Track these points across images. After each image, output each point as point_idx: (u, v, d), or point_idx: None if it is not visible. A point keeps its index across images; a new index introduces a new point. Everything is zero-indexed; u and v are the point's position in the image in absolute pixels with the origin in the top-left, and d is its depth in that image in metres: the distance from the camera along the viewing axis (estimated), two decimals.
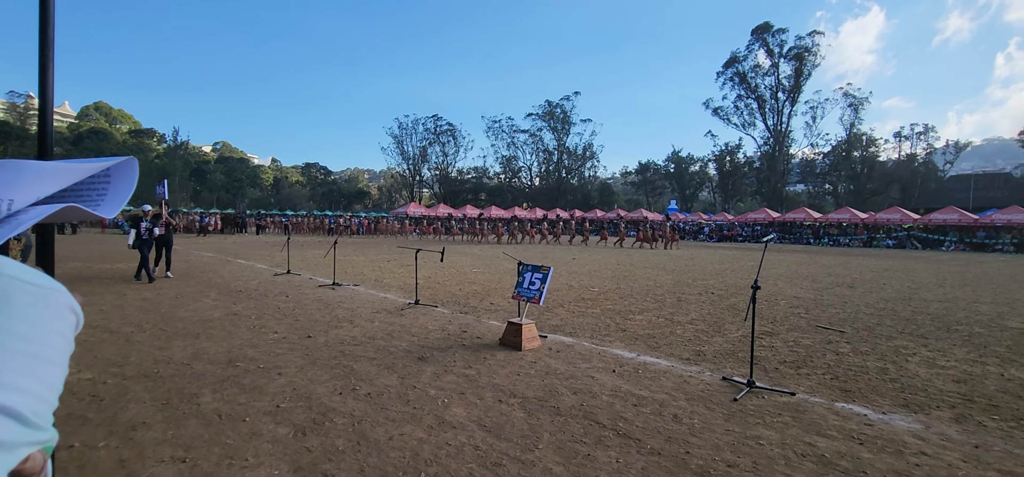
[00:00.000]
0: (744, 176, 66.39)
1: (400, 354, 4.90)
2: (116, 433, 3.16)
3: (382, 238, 35.23)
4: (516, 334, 5.17)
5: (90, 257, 15.06)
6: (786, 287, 10.84)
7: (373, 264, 14.50)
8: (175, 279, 9.73)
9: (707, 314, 7.40)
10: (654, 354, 5.10)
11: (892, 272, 14.82)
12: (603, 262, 16.90)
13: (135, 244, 9.49)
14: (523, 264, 5.82)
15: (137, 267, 9.70)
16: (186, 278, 10.02)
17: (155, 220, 9.87)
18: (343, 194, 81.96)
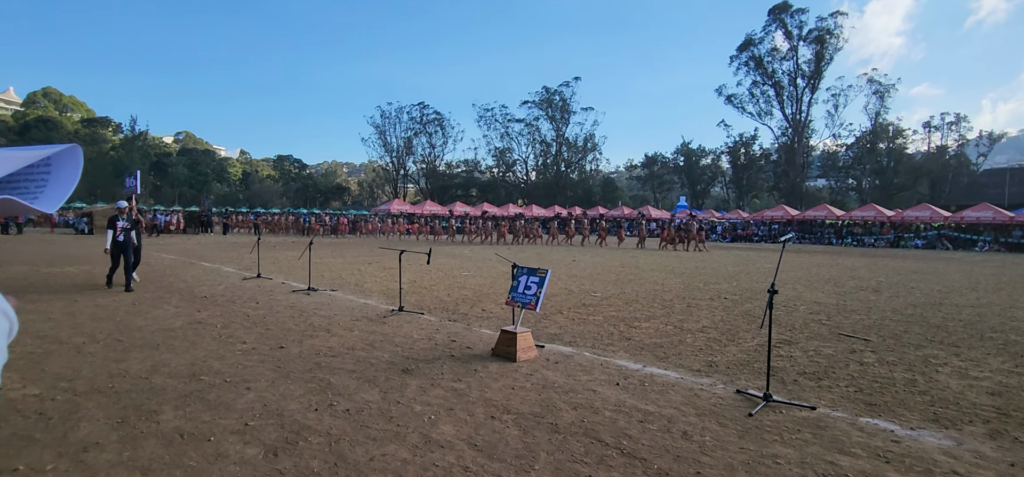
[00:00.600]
0: (760, 170, 66.82)
1: (382, 366, 4.89)
2: (66, 455, 3.13)
3: (363, 238, 35.12)
4: (510, 344, 5.17)
5: (37, 260, 14.92)
6: (806, 291, 10.90)
7: (352, 267, 14.46)
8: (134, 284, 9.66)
9: (720, 321, 7.43)
10: (662, 365, 5.12)
11: (921, 275, 14.96)
12: (606, 264, 16.94)
13: (113, 247, 9.20)
14: (518, 267, 5.82)
15: (108, 272, 9.40)
16: (145, 283, 9.95)
17: (133, 219, 9.53)
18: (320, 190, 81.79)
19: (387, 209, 46.43)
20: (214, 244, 24.45)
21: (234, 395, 4.10)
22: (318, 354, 5.25)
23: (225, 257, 16.96)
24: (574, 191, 72.06)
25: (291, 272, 12.93)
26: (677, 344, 5.99)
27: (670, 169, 74.38)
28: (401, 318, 7.22)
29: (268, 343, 5.67)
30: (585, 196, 70.20)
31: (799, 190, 60.40)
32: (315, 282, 10.69)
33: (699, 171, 71.32)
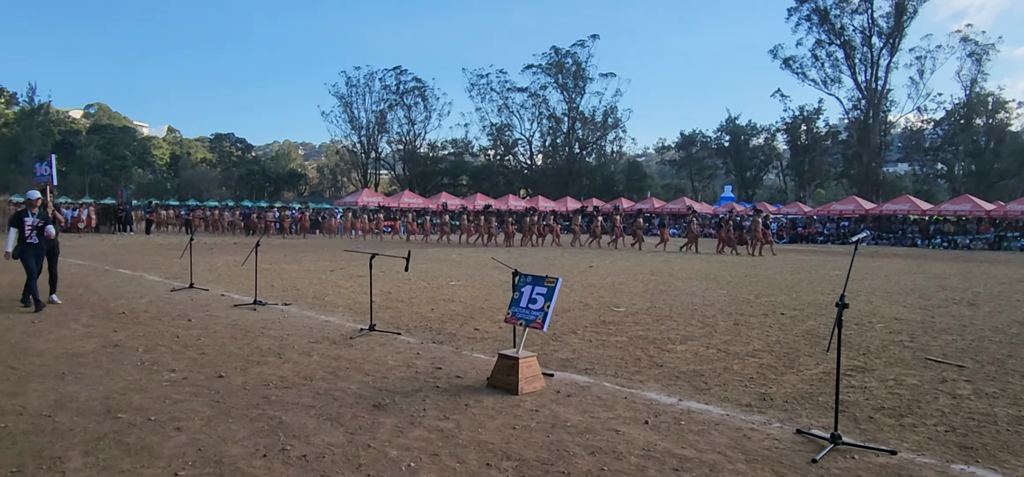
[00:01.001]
0: (826, 152, 67.00)
1: (348, 400, 4.89)
2: None
3: (324, 239, 35.16)
4: (511, 371, 5.17)
5: None
6: (884, 305, 10.91)
7: (311, 275, 14.46)
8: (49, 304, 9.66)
9: (775, 342, 7.43)
10: (702, 398, 5.12)
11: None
12: (631, 271, 16.97)
13: (17, 252, 8.83)
14: (521, 274, 5.81)
15: (27, 285, 8.95)
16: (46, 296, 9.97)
17: (46, 215, 9.24)
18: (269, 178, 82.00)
19: (355, 201, 46.48)
20: (135, 246, 24.47)
21: (160, 438, 4.10)
22: (267, 385, 5.25)
23: (149, 263, 16.97)
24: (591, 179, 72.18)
25: (233, 281, 12.91)
26: (721, 372, 5.99)
27: (712, 151, 74.52)
28: (372, 340, 7.21)
29: (203, 371, 5.67)
30: (605, 185, 70.34)
31: (875, 177, 60.50)
32: (263, 294, 10.69)
33: (749, 154, 71.45)
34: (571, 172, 69.98)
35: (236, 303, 9.82)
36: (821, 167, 67.67)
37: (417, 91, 71.96)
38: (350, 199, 49.72)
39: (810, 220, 46.57)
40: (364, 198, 47.84)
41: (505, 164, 76.45)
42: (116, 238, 30.88)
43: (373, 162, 75.17)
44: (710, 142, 74.69)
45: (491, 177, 73.10)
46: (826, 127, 67.27)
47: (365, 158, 74.07)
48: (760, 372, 6.01)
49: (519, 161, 76.52)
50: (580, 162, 71.91)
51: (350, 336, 7.37)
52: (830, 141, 66.66)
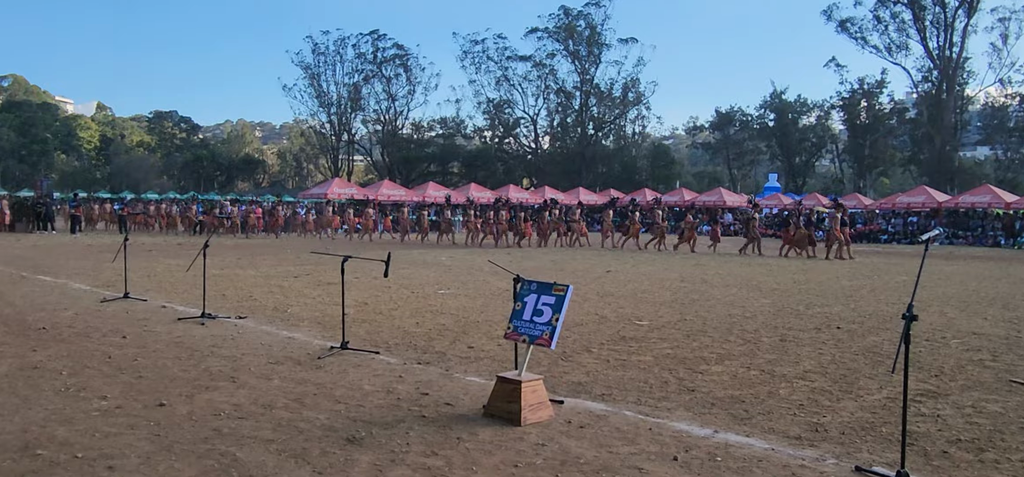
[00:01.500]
0: (890, 133, 67.02)
1: (316, 433, 4.88)
2: None
3: (287, 239, 35.14)
4: (512, 398, 5.16)
5: None
6: (960, 317, 10.90)
7: (270, 282, 14.46)
8: None
9: (829, 362, 7.42)
10: (742, 429, 5.12)
11: None
12: (657, 276, 16.97)
13: None
14: (524, 280, 5.80)
15: None
16: None
17: None
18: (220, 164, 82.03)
19: (323, 193, 46.51)
20: (57, 248, 24.47)
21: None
22: (217, 415, 5.25)
23: (75, 268, 16.96)
24: (608, 166, 72.19)
25: (176, 290, 12.90)
26: (765, 397, 5.98)
27: (754, 132, 74.52)
28: (345, 360, 7.21)
29: (141, 399, 5.67)
30: (624, 173, 70.33)
31: (949, 164, 60.49)
32: (213, 305, 10.68)
33: (798, 135, 71.48)
34: (584, 158, 70.05)
35: (180, 316, 9.81)
36: (884, 151, 67.66)
37: (398, 60, 71.99)
38: (318, 190, 49.75)
39: (872, 215, 46.60)
40: (335, 189, 47.84)
41: (505, 148, 76.47)
42: (35, 238, 30.89)
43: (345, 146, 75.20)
44: (751, 122, 74.70)
45: (488, 164, 73.15)
46: (891, 103, 67.30)
47: (336, 141, 74.13)
48: (812, 398, 6.00)
49: (521, 145, 76.57)
50: (595, 146, 71.95)
51: (318, 356, 7.36)
52: (895, 120, 66.68)
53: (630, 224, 30.75)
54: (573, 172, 69.18)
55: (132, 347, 7.69)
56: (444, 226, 31.97)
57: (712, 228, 30.94)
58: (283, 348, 7.81)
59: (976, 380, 6.73)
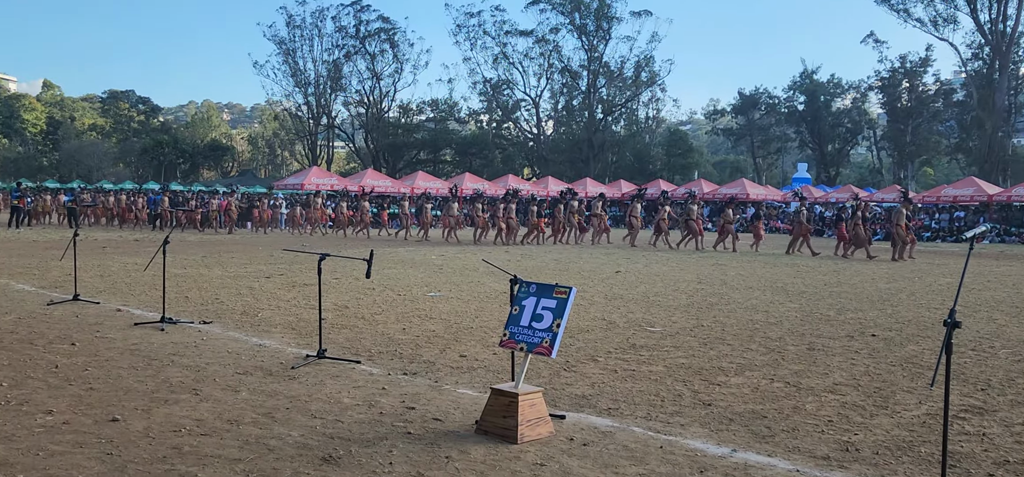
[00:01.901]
0: (935, 118, 66.97)
1: (288, 452, 4.89)
2: None
3: (258, 236, 35.09)
4: (508, 412, 5.17)
5: None
6: (1011, 324, 10.91)
7: (239, 283, 14.45)
8: None
9: (862, 374, 7.43)
10: (764, 449, 5.13)
11: None
12: (671, 278, 16.99)
13: None
14: (521, 281, 5.81)
15: None
16: None
17: None
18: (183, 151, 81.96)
19: (300, 183, 46.51)
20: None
21: None
22: (178, 432, 5.25)
23: (17, 266, 16.94)
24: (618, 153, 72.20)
25: (132, 292, 12.89)
26: (790, 413, 6.00)
27: (781, 117, 74.52)
28: (321, 370, 7.21)
29: (92, 413, 5.67)
30: (637, 161, 70.37)
31: (1001, 152, 60.40)
32: (174, 309, 10.68)
33: (831, 120, 71.54)
34: (592, 145, 70.06)
35: (137, 321, 9.79)
36: (928, 138, 67.66)
37: (384, 35, 71.99)
38: (294, 180, 49.74)
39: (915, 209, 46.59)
40: (313, 178, 47.83)
41: (503, 134, 76.49)
42: None
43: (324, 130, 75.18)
44: (778, 105, 74.75)
45: (484, 151, 73.17)
46: (936, 84, 67.30)
47: (314, 125, 74.13)
48: (842, 413, 6.02)
49: (522, 130, 76.57)
50: (604, 131, 71.98)
51: (292, 365, 7.36)
52: (941, 103, 66.62)
53: (659, 220, 30.38)
54: (579, 161, 69.21)
55: (82, 355, 7.68)
56: (452, 223, 31.65)
57: (755, 225, 30.54)
58: (252, 357, 7.80)
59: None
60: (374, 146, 73.28)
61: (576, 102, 74.04)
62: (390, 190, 47.67)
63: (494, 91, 73.67)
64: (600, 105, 72.70)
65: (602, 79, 71.96)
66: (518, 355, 5.63)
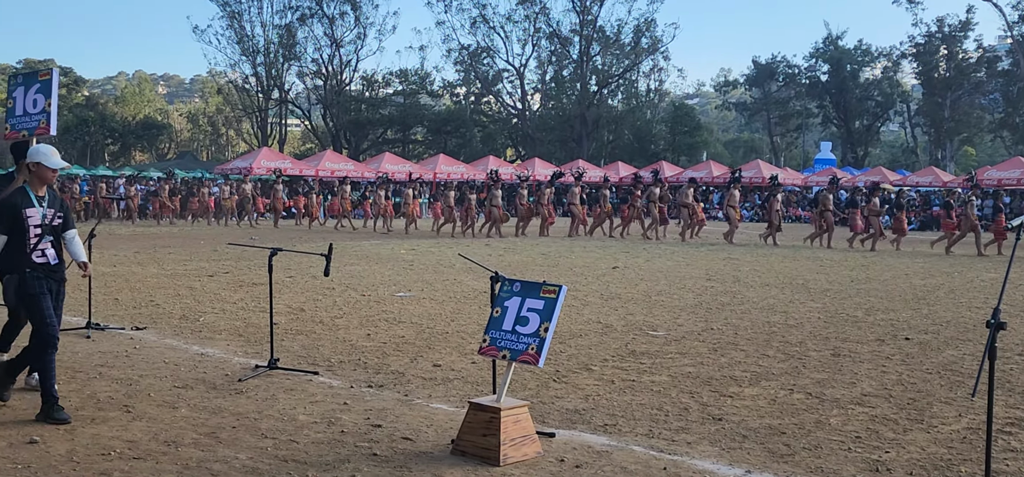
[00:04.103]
0: (977, 90, 67.32)
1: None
2: None
3: (201, 228, 34.90)
4: (488, 430, 5.16)
5: None
6: None
7: (178, 283, 14.37)
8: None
9: (895, 383, 7.47)
10: (783, 468, 5.15)
11: None
12: (675, 273, 17.03)
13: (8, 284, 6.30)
14: (503, 279, 5.80)
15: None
16: None
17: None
18: (112, 129, 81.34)
19: (248, 167, 46.28)
20: None
21: None
22: (107, 455, 5.22)
23: None
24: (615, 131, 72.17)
25: None
26: (812, 428, 6.03)
27: (801, 89, 74.72)
28: (273, 382, 7.19)
29: (6, 435, 5.62)
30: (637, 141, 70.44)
31: None
32: (102, 313, 10.62)
33: (858, 92, 71.84)
34: (585, 121, 70.05)
35: (61, 327, 9.73)
36: (970, 113, 68.07)
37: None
38: (241, 163, 49.45)
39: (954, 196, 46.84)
40: (263, 160, 47.62)
41: (483, 109, 76.34)
42: None
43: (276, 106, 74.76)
44: (799, 75, 74.97)
45: (461, 129, 73.01)
46: (978, 51, 67.60)
47: (263, 100, 73.66)
48: (871, 428, 6.05)
49: (504, 105, 76.47)
50: (599, 106, 71.98)
51: (239, 377, 7.33)
52: (984, 73, 66.97)
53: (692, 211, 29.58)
54: (571, 140, 69.23)
55: None
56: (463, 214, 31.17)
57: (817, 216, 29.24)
58: (193, 368, 7.76)
59: None
60: (334, 124, 72.89)
61: (567, 73, 73.94)
62: (352, 174, 47.52)
63: (472, 60, 73.45)
64: (594, 76, 72.64)
65: (596, 46, 71.87)
66: (500, 364, 5.62)
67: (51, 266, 6.34)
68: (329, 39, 72.21)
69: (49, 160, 6.35)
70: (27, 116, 8.29)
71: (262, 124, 74.27)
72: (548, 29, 71.98)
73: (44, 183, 6.41)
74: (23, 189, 6.38)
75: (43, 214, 6.28)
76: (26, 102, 8.19)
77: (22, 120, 8.13)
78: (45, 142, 7.28)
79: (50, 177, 6.46)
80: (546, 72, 74.73)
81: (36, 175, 6.34)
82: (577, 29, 71.62)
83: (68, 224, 6.64)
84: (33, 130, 7.89)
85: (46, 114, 8.12)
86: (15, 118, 8.14)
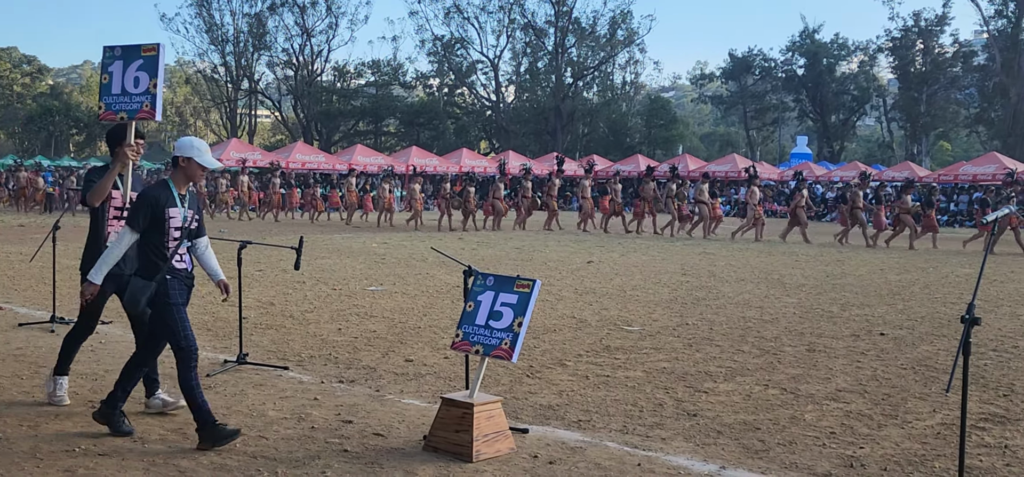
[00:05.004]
0: (953, 84, 67.90)
1: (202, 474, 4.84)
2: None
3: None
4: (461, 426, 5.16)
5: None
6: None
7: None
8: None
9: (870, 379, 7.54)
10: (758, 465, 5.18)
11: None
12: (651, 268, 17.09)
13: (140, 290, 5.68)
14: (476, 273, 5.80)
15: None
16: None
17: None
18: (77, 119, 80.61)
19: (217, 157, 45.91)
20: None
21: None
22: (71, 451, 5.18)
23: None
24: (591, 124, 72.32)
25: (17, 286, 12.68)
26: (787, 424, 6.07)
27: (778, 82, 75.16)
28: (242, 377, 7.16)
29: None
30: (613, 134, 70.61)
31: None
32: (66, 307, 10.51)
33: (835, 86, 72.35)
34: (560, 114, 70.16)
35: (22, 321, 9.67)
36: (945, 108, 68.68)
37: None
38: None
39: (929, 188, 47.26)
40: (232, 152, 47.34)
41: (456, 101, 76.24)
42: None
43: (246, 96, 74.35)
44: (775, 69, 75.36)
45: (434, 121, 72.89)
46: (954, 46, 68.21)
47: (233, 90, 73.22)
48: (846, 424, 6.10)
49: (478, 96, 76.38)
50: (574, 99, 72.08)
51: (207, 373, 7.28)
52: (960, 67, 67.56)
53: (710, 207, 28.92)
54: (545, 133, 69.30)
55: None
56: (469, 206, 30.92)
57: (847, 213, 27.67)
58: (160, 363, 7.71)
59: None
60: (304, 115, 72.57)
61: (541, 64, 73.94)
62: (323, 166, 47.34)
63: (446, 51, 73.30)
64: (569, 68, 72.71)
65: (572, 37, 71.97)
66: (473, 359, 5.62)
67: (189, 273, 5.79)
68: (300, 28, 71.91)
69: (203, 157, 5.74)
70: (126, 96, 6.95)
71: (231, 115, 73.86)
72: (523, 20, 72.03)
73: (189, 181, 5.82)
74: (166, 184, 5.79)
75: (184, 215, 5.71)
76: (125, 80, 6.65)
77: (120, 100, 6.91)
78: (142, 127, 6.92)
79: (199, 176, 5.89)
80: (521, 64, 74.67)
81: (183, 171, 5.74)
82: (552, 20, 71.66)
83: (202, 230, 6.03)
84: (134, 114, 6.72)
85: (150, 96, 6.79)
86: (111, 97, 6.90)
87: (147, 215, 5.52)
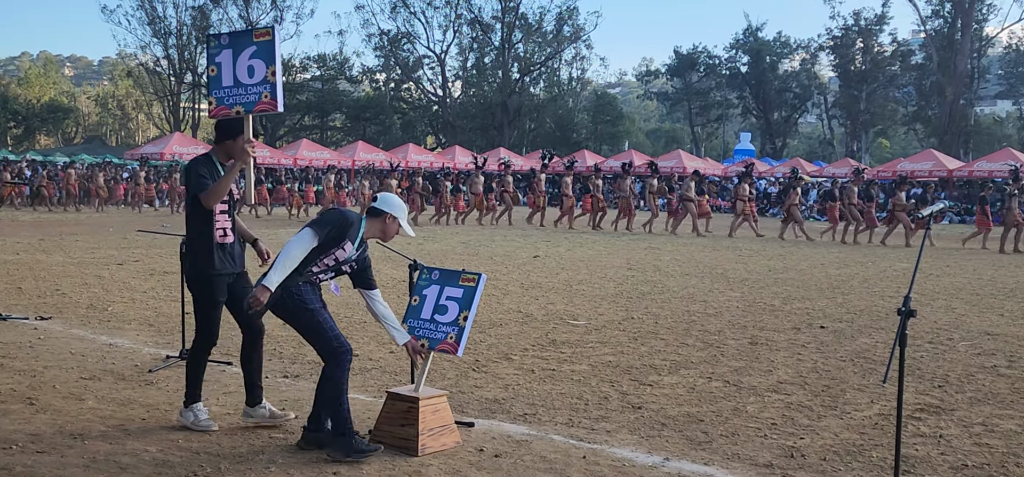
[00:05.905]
0: (891, 83, 69.10)
1: (145, 471, 4.79)
2: None
3: (108, 213, 34.16)
4: (407, 420, 5.16)
5: None
6: (971, 314, 11.37)
7: (85, 271, 14.05)
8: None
9: (810, 371, 7.66)
10: (700, 456, 5.24)
11: None
12: (596, 262, 17.17)
13: None
14: (422, 267, 5.79)
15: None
16: None
17: None
18: (14, 111, 79.00)
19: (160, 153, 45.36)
20: None
21: None
22: (9, 449, 5.10)
23: None
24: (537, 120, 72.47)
25: None
26: (729, 416, 6.15)
27: (722, 79, 75.93)
28: (185, 373, 7.09)
29: None
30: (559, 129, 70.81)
31: (962, 121, 62.55)
32: (5, 302, 10.38)
33: (777, 84, 73.30)
34: (507, 109, 70.18)
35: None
36: (884, 106, 69.83)
37: None
38: (152, 148, 48.47)
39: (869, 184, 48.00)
40: (175, 146, 46.70)
41: (403, 96, 75.98)
42: None
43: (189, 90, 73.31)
44: (719, 66, 76.14)
45: (381, 116, 72.58)
46: (892, 45, 69.44)
47: (176, 83, 72.17)
48: (787, 415, 6.19)
49: (425, 91, 76.19)
50: (521, 94, 72.16)
51: (149, 368, 7.22)
52: (898, 66, 68.77)
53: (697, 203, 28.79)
54: (492, 128, 69.30)
55: None
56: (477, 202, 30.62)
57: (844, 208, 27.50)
58: (101, 359, 7.61)
59: (988, 392, 7.03)
60: None
61: (488, 60, 73.92)
62: (268, 161, 46.87)
63: (392, 45, 72.97)
64: (516, 63, 72.73)
65: (518, 33, 71.99)
66: (420, 353, 5.62)
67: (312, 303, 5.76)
68: (244, 22, 70.92)
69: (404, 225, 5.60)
70: (240, 88, 6.22)
71: (174, 109, 72.78)
72: (469, 15, 71.91)
73: (376, 236, 5.65)
74: (359, 223, 5.53)
75: (350, 257, 5.56)
76: (237, 70, 6.15)
77: (233, 93, 6.21)
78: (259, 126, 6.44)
79: (391, 236, 5.66)
80: (467, 59, 74.64)
81: (381, 224, 5.56)
82: (499, 16, 71.63)
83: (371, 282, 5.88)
84: (251, 106, 6.09)
85: (269, 85, 6.09)
86: (222, 90, 6.21)
87: (333, 236, 5.40)
